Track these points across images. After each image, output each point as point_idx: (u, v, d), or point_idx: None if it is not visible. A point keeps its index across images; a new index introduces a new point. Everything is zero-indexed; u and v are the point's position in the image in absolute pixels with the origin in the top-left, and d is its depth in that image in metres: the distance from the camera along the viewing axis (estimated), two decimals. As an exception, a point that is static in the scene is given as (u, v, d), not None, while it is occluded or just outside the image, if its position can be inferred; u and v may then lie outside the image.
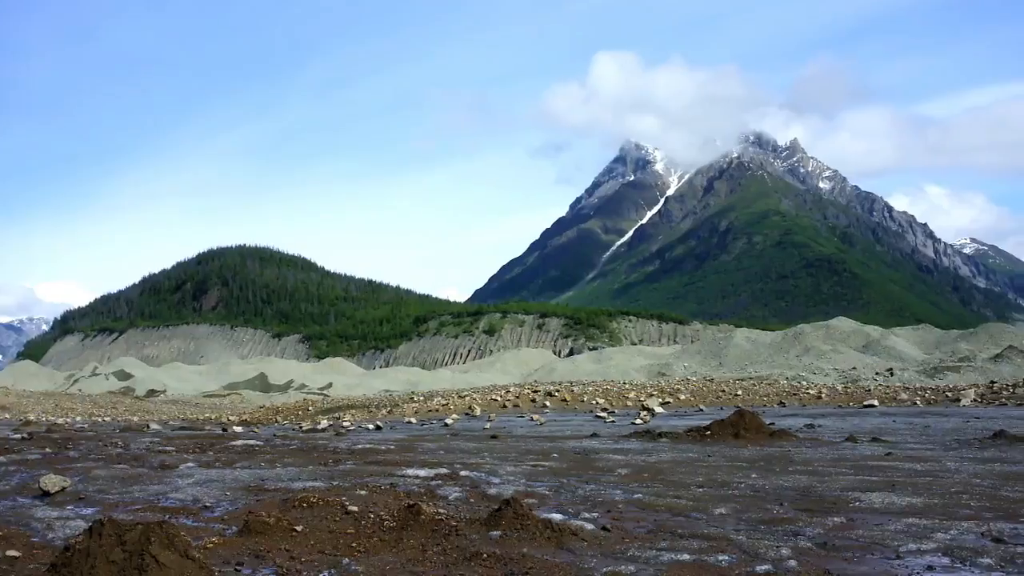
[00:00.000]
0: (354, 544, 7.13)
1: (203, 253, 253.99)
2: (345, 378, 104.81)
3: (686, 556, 6.74)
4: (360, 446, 17.21)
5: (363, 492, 9.76)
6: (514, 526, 7.43)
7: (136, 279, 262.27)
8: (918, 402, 40.03)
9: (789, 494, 9.90)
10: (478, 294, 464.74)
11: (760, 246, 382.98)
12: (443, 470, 12.17)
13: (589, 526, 7.78)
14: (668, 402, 41.39)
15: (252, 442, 18.45)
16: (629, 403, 41.14)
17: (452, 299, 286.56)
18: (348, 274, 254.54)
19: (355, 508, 8.38)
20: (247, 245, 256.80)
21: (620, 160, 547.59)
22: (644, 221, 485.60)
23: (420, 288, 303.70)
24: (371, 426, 26.89)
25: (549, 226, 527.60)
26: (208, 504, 9.21)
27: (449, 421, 29.02)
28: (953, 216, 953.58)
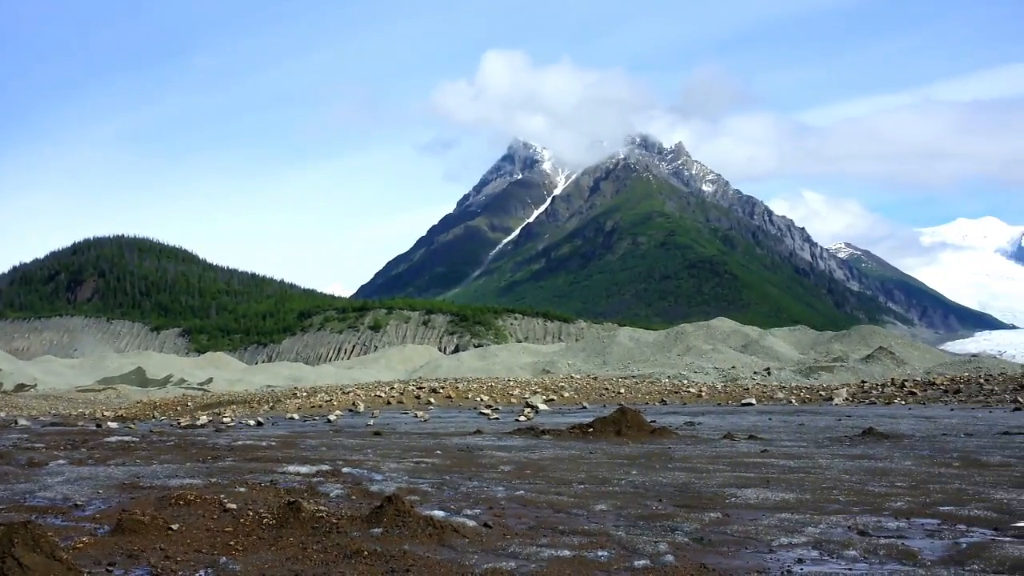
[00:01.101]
0: (232, 542, 6.99)
1: (79, 243, 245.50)
2: (226, 373, 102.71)
3: (566, 552, 6.79)
4: (240, 442, 16.90)
5: (242, 489, 9.58)
6: (396, 523, 7.39)
7: (5, 268, 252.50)
8: (793, 401, 41.20)
9: (668, 490, 10.07)
10: (364, 290, 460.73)
11: (644, 247, 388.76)
12: (325, 467, 12.03)
13: (471, 523, 7.79)
14: (552, 399, 41.69)
15: (127, 438, 17.93)
16: (513, 400, 41.31)
17: (338, 294, 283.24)
18: (231, 267, 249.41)
19: (234, 506, 8.21)
20: (125, 235, 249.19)
21: (508, 158, 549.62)
22: (531, 220, 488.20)
23: (305, 283, 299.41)
24: (252, 422, 26.42)
25: (436, 223, 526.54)
26: (79, 503, 8.92)
27: (332, 417, 28.73)
28: (829, 221, 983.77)
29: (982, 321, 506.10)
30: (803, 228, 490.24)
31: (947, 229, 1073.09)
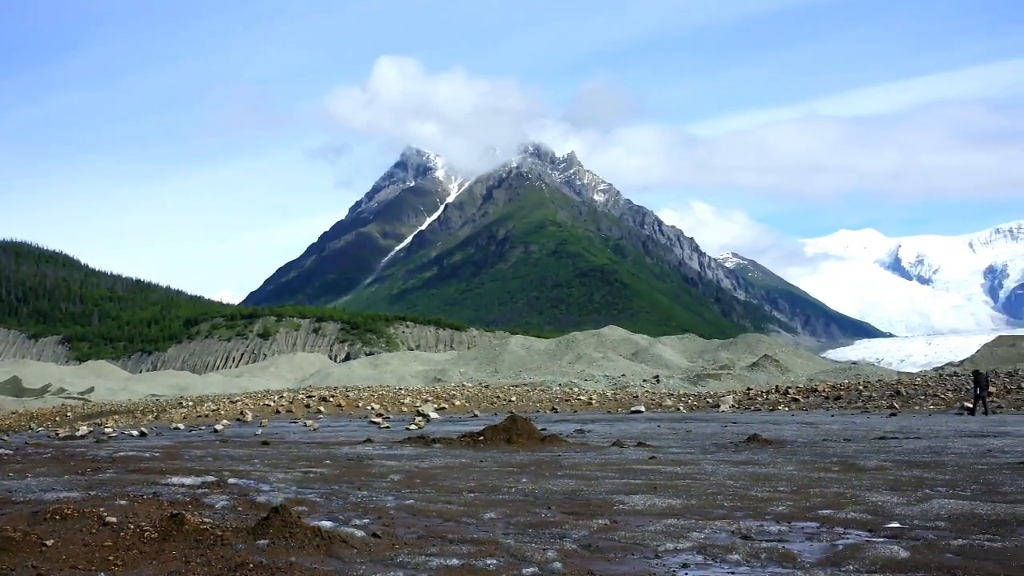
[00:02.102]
0: (111, 557, 6.77)
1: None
2: (109, 382, 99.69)
3: (455, 561, 6.78)
4: (122, 453, 16.43)
5: (123, 502, 9.31)
6: (282, 534, 7.27)
7: None
8: (682, 408, 41.91)
9: (557, 498, 10.14)
10: (253, 296, 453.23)
11: (536, 255, 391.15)
12: (210, 478, 11.78)
13: (359, 533, 7.71)
14: (444, 408, 41.62)
15: (0, 451, 17.28)
16: (405, 408, 41.12)
17: (226, 301, 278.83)
18: (114, 272, 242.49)
19: (114, 519, 7.97)
20: (1, 239, 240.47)
21: (401, 165, 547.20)
22: (423, 227, 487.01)
23: (192, 289, 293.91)
24: (135, 432, 25.74)
25: (328, 229, 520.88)
26: (-53, 518, 8.55)
27: (219, 427, 28.17)
28: (717, 231, 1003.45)
29: (862, 329, 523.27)
30: (692, 238, 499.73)
31: (829, 240, 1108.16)
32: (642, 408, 40.02)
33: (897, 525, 8.09)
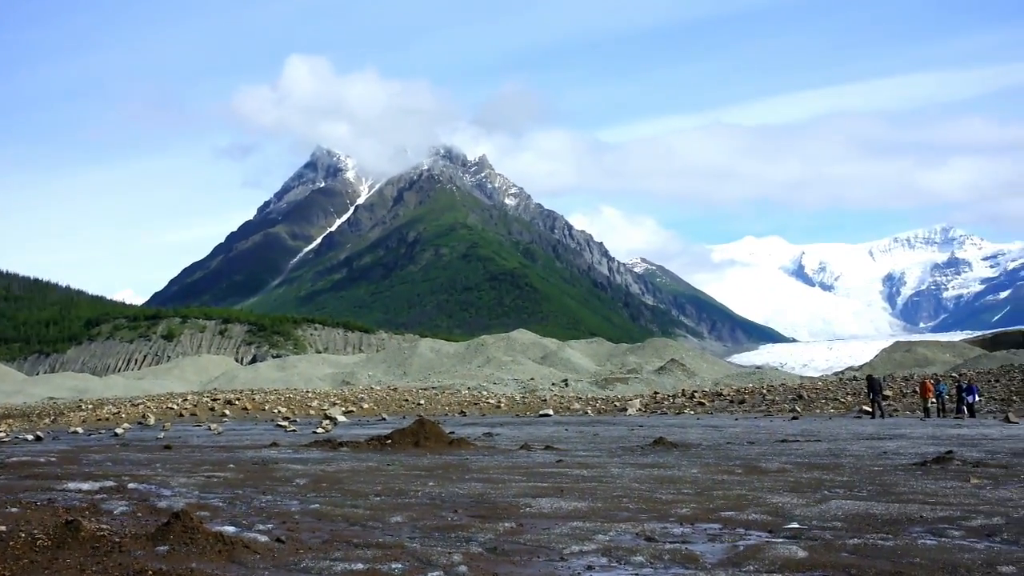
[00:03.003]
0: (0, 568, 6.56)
1: None
2: (3, 384, 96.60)
3: (360, 565, 6.73)
4: (16, 459, 15.94)
5: (15, 509, 9.04)
6: (183, 540, 7.13)
7: None
8: (590, 411, 42.25)
9: (464, 501, 10.13)
10: (157, 297, 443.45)
11: (447, 258, 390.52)
12: (109, 483, 11.50)
13: (263, 538, 7.61)
14: (351, 411, 41.32)
15: None
16: (312, 412, 40.72)
17: (128, 302, 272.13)
18: (10, 271, 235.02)
19: (3, 527, 7.72)
20: None
21: (311, 166, 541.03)
22: (333, 229, 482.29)
23: (93, 289, 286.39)
24: (31, 437, 25.01)
25: (235, 230, 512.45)
26: None
27: (120, 431, 27.53)
28: (626, 237, 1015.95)
29: (766, 335, 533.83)
30: (601, 243, 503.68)
31: (735, 247, 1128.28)
32: (550, 412, 40.25)
33: (796, 526, 8.27)
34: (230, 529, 7.90)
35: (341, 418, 34.19)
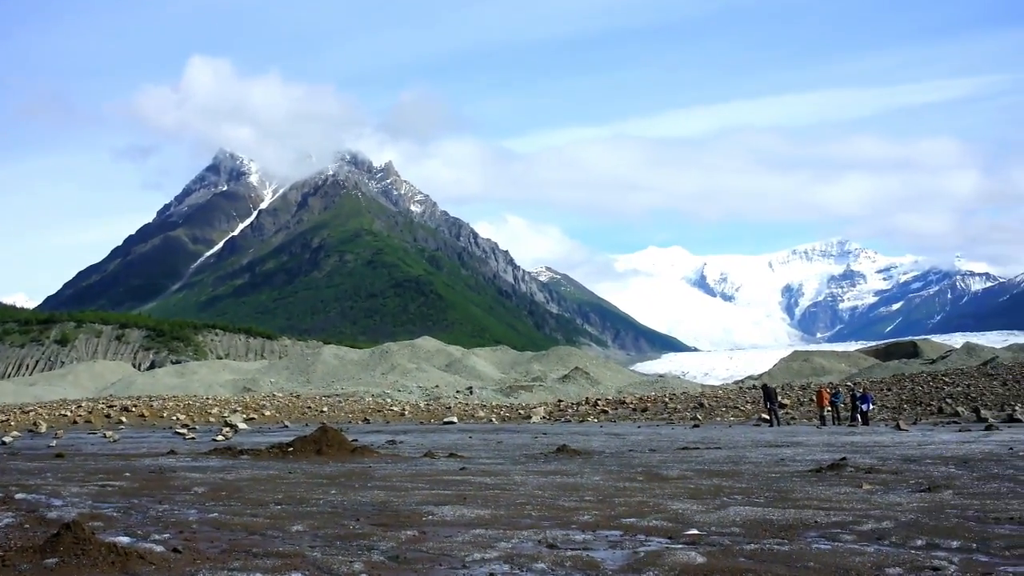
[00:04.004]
0: None
1: None
2: None
3: (259, 575, 6.62)
4: (-102, 467, 15.33)
5: None
6: (74, 552, 6.92)
7: None
8: (494, 419, 42.34)
9: (366, 509, 10.05)
10: (50, 301, 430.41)
11: (351, 264, 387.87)
12: (-3, 492, 11.12)
13: (159, 548, 7.43)
14: (253, 418, 40.76)
15: None
16: (212, 419, 40.02)
17: (20, 305, 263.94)
18: None
19: None
20: None
21: (213, 169, 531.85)
22: (235, 233, 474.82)
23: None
24: (-87, 445, 24.08)
25: (133, 232, 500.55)
26: None
27: (8, 439, 26.67)
28: (531, 245, 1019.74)
29: (668, 343, 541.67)
30: (507, 251, 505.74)
31: (639, 257, 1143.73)
32: (455, 419, 40.23)
33: (696, 532, 8.39)
34: (124, 539, 7.70)
35: (242, 425, 33.65)
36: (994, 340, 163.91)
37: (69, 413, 41.24)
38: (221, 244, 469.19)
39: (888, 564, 6.79)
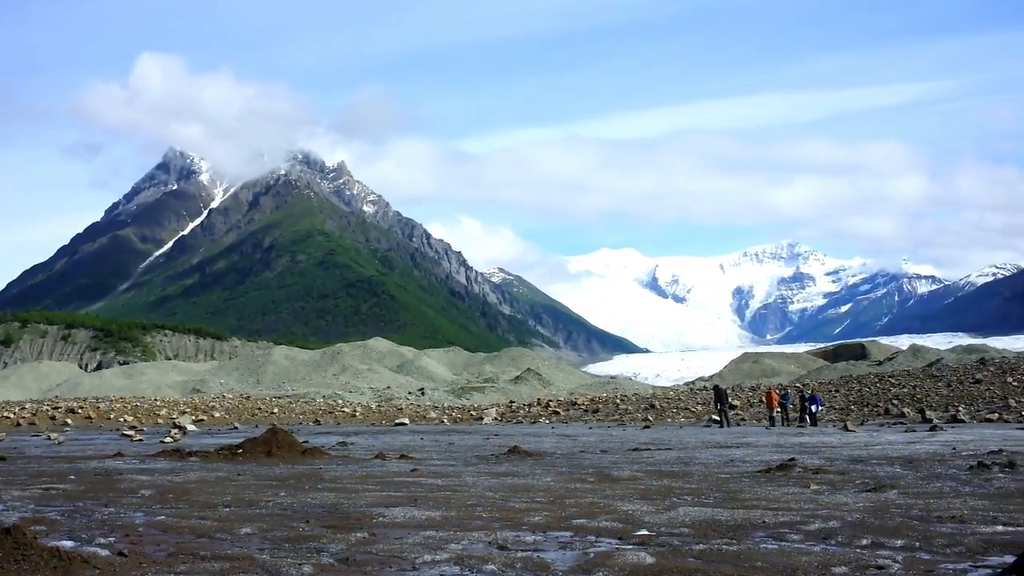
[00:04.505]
0: None
1: None
2: None
3: (206, 579, 6.56)
4: None
5: None
6: (14, 557, 6.78)
7: None
8: (446, 420, 42.30)
9: (316, 511, 9.99)
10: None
11: (303, 264, 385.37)
12: (-63, 496, 10.91)
13: (104, 552, 7.33)
14: (202, 420, 40.39)
15: None
16: (160, 421, 39.58)
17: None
18: None
19: None
20: None
21: (163, 167, 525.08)
22: (185, 232, 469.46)
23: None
24: None
25: (81, 231, 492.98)
26: None
27: (-50, 441, 26.18)
28: (484, 246, 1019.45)
29: (620, 345, 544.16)
30: (460, 252, 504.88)
31: (591, 259, 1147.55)
32: (406, 420, 40.13)
33: (646, 532, 8.44)
34: (68, 544, 7.59)
35: (191, 427, 33.30)
36: (939, 342, 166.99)
37: (12, 415, 40.55)
38: (171, 243, 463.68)
39: (834, 563, 6.87)
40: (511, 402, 56.72)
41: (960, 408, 35.30)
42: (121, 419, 39.66)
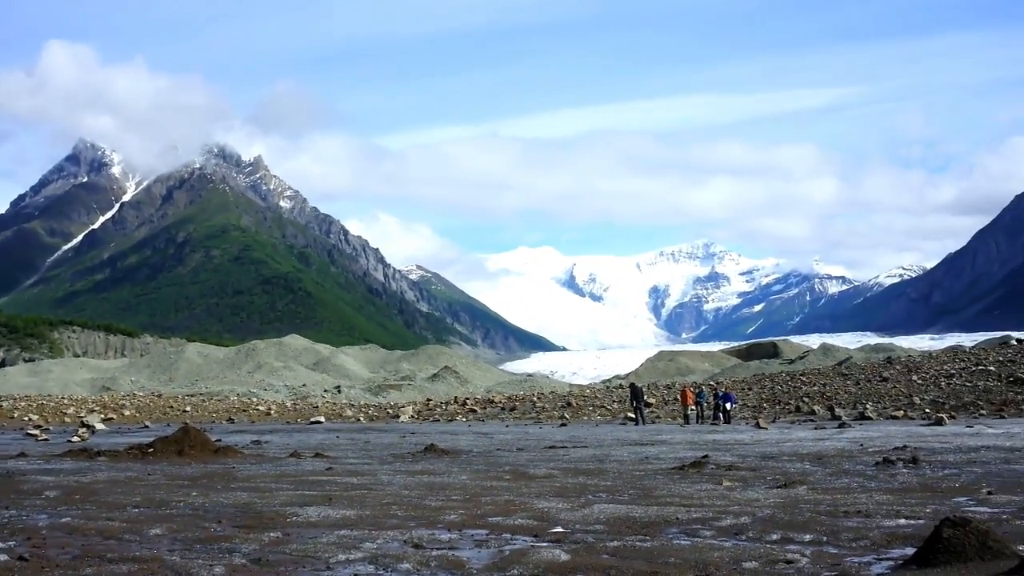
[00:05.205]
0: None
1: None
2: None
3: (113, 581, 6.42)
4: None
5: None
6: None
7: None
8: (362, 418, 42.04)
9: (229, 511, 9.84)
10: None
11: (218, 260, 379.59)
12: None
13: (3, 556, 7.12)
14: (112, 418, 39.59)
15: None
16: (68, 419, 38.63)
17: None
18: None
19: None
20: None
21: (72, 159, 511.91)
22: (96, 226, 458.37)
23: None
24: None
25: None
26: None
27: None
28: (402, 243, 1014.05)
29: (538, 343, 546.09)
30: (377, 249, 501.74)
31: (510, 257, 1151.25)
32: (322, 418, 39.77)
33: (561, 530, 8.48)
34: (-33, 547, 7.35)
35: (100, 426, 32.54)
36: (848, 341, 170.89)
37: (-88, 413, 39.24)
38: (80, 237, 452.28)
39: (745, 558, 6.99)
40: (428, 400, 56.58)
41: (868, 406, 36.16)
42: (26, 418, 38.60)
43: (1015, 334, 68.57)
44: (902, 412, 33.67)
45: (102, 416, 38.55)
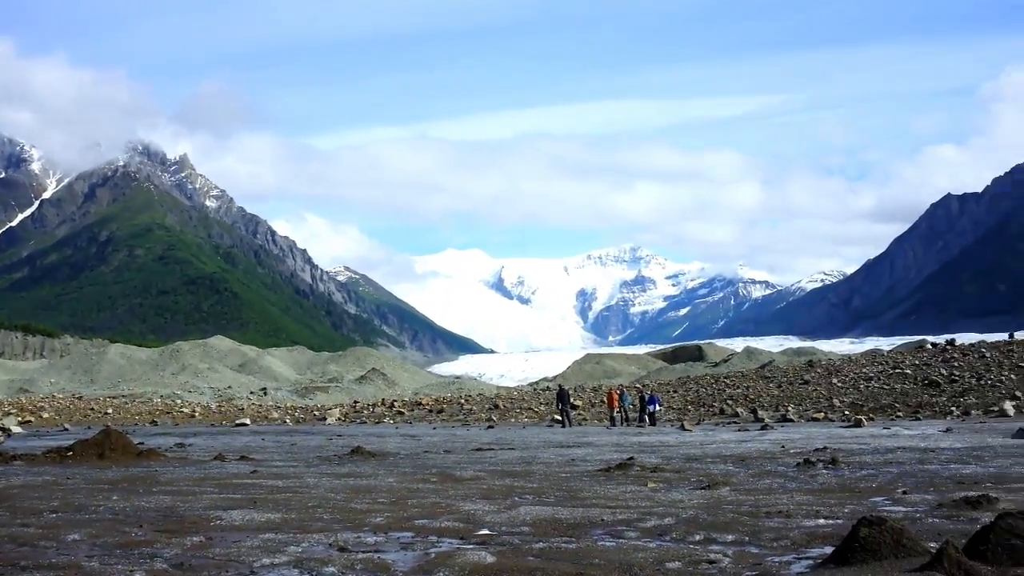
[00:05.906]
0: None
1: None
2: None
3: (30, 587, 6.29)
4: None
5: None
6: None
7: None
8: (288, 421, 41.69)
9: (151, 515, 9.70)
10: None
11: (142, 259, 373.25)
12: None
13: (-85, 562, 6.94)
14: (29, 421, 38.75)
15: None
16: (-17, 422, 37.63)
17: None
18: None
19: None
20: None
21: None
22: (14, 224, 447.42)
23: None
24: None
25: None
26: None
27: None
28: (330, 244, 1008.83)
29: (466, 345, 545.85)
30: (305, 250, 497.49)
31: (438, 259, 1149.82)
32: (248, 421, 39.37)
33: (487, 532, 8.51)
34: None
35: (16, 429, 31.82)
36: (771, 344, 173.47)
37: None
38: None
39: (668, 559, 7.08)
40: (355, 402, 56.26)
41: (790, 408, 36.82)
42: (-61, 420, 37.57)
43: (931, 338, 70.35)
44: (823, 414, 34.35)
45: (19, 419, 37.70)
